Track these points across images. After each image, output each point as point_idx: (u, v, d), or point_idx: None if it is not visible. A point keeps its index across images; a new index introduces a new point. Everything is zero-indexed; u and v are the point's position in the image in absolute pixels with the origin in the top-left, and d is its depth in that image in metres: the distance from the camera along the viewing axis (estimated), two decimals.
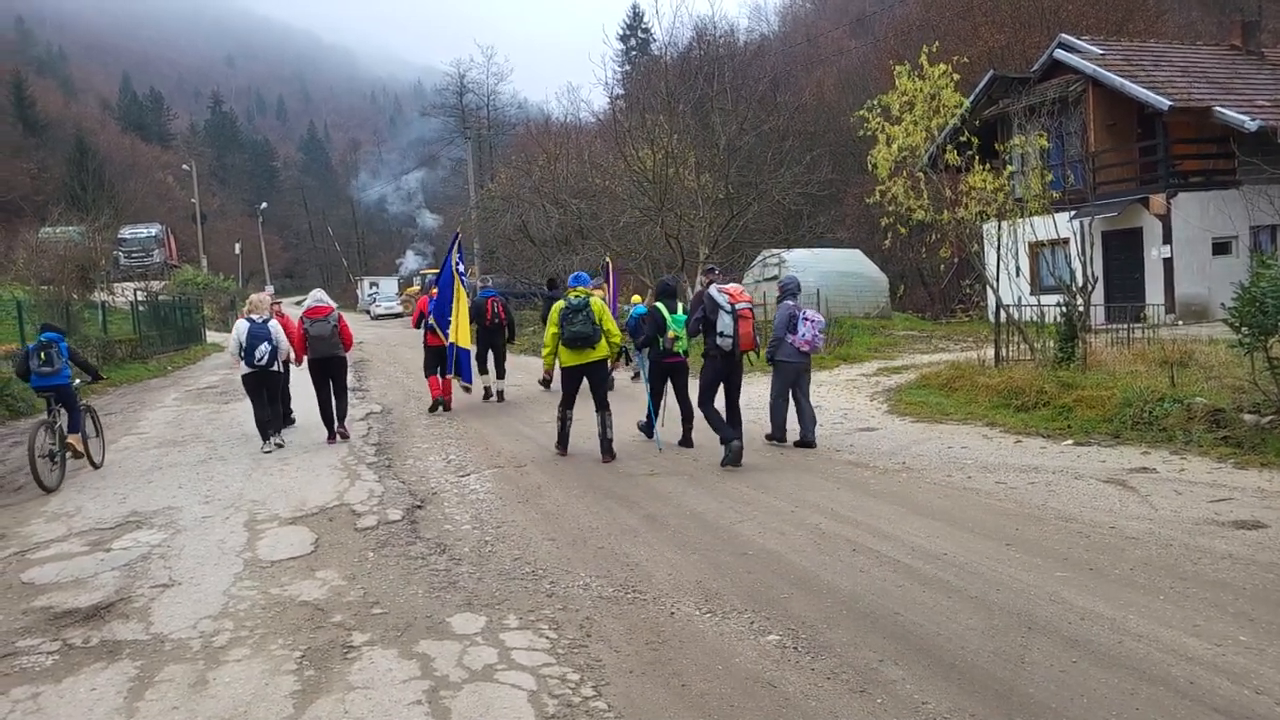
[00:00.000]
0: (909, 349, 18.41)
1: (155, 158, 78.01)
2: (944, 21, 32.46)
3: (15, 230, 32.56)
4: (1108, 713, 3.60)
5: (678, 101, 25.95)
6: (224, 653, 4.62)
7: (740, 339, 8.61)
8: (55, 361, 9.25)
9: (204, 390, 18.07)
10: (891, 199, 12.93)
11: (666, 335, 9.41)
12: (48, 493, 8.72)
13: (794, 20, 60.24)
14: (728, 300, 8.65)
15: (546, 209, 32.70)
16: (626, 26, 58.92)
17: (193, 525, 7.28)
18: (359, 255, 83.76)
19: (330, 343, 10.85)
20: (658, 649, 4.43)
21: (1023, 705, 3.70)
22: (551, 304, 10.66)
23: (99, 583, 5.90)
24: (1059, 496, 6.93)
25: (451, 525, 6.96)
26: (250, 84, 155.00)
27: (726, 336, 8.60)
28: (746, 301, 8.78)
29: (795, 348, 9.26)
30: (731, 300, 8.64)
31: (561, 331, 9.02)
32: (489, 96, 63.55)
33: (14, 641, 4.93)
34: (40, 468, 8.71)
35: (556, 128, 38.89)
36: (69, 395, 9.40)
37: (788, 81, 37.58)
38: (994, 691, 3.83)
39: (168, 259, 49.19)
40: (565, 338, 9.02)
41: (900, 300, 29.66)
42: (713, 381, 8.90)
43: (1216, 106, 19.65)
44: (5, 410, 14.44)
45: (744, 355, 8.90)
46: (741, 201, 26.37)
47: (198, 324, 34.00)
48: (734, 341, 8.62)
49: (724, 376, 8.89)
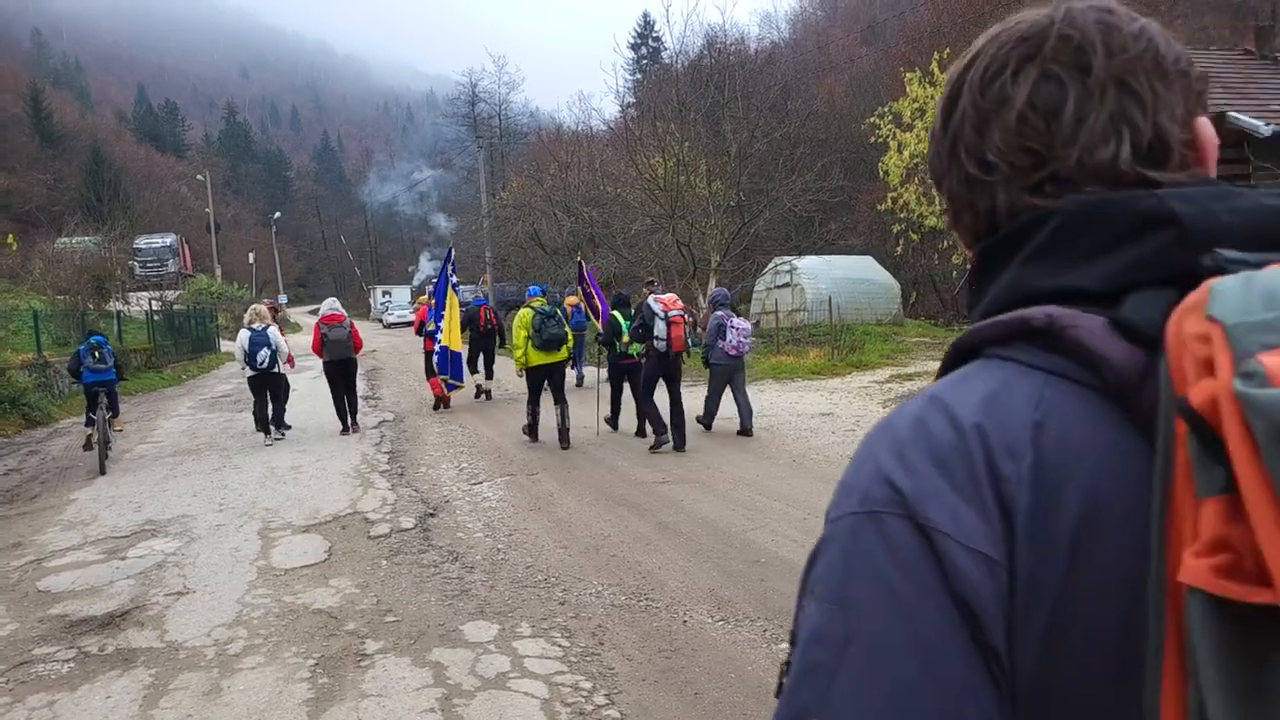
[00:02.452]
0: (922, 356, 18.34)
1: (170, 168, 78.49)
2: (955, 28, 32.32)
3: (32, 241, 32.81)
4: None
5: (689, 109, 26.00)
6: (238, 661, 4.64)
7: (672, 341, 9.83)
8: (106, 360, 10.62)
9: (218, 399, 18.16)
10: (903, 205, 12.92)
11: (622, 340, 10.66)
12: (104, 474, 10.08)
13: (805, 27, 60.27)
14: (662, 308, 9.88)
15: (558, 217, 32.78)
16: (637, 35, 58.95)
17: (207, 533, 7.32)
18: (372, 264, 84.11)
19: (345, 345, 12.20)
20: (670, 657, 4.43)
21: None
22: None
23: (114, 591, 5.93)
24: None
25: (464, 533, 6.97)
26: (264, 94, 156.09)
27: (661, 339, 9.83)
28: (678, 309, 9.99)
29: (725, 352, 10.49)
30: (665, 308, 9.88)
31: (538, 336, 10.28)
32: (501, 105, 63.92)
33: (30, 649, 4.96)
34: (102, 455, 10.27)
35: (568, 136, 38.99)
36: (115, 389, 10.80)
37: (799, 89, 37.57)
38: None
39: (182, 268, 49.41)
40: (540, 341, 10.30)
41: (912, 307, 29.54)
42: (651, 377, 10.12)
43: (1230, 111, 19.48)
44: (21, 419, 14.54)
45: (679, 355, 10.06)
46: (753, 209, 26.36)
47: (212, 333, 34.17)
48: (667, 343, 9.82)
49: (663, 373, 10.04)
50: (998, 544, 0.64)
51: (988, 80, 0.78)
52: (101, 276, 26.05)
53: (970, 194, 0.80)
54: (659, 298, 10.07)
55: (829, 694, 0.64)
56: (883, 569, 0.65)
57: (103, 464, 10.27)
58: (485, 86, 64.72)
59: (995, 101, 0.77)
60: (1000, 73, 0.77)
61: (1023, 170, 0.76)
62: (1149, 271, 0.67)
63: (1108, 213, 0.70)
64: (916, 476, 0.67)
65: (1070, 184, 0.74)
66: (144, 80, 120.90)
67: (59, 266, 25.14)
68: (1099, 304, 0.68)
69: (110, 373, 10.70)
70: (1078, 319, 0.67)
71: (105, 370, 10.62)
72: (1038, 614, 0.63)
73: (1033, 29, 0.77)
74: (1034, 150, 0.75)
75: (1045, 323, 0.68)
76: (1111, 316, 0.66)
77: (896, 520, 0.66)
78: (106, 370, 10.64)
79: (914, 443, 0.69)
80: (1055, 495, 0.64)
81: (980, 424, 0.67)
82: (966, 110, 0.79)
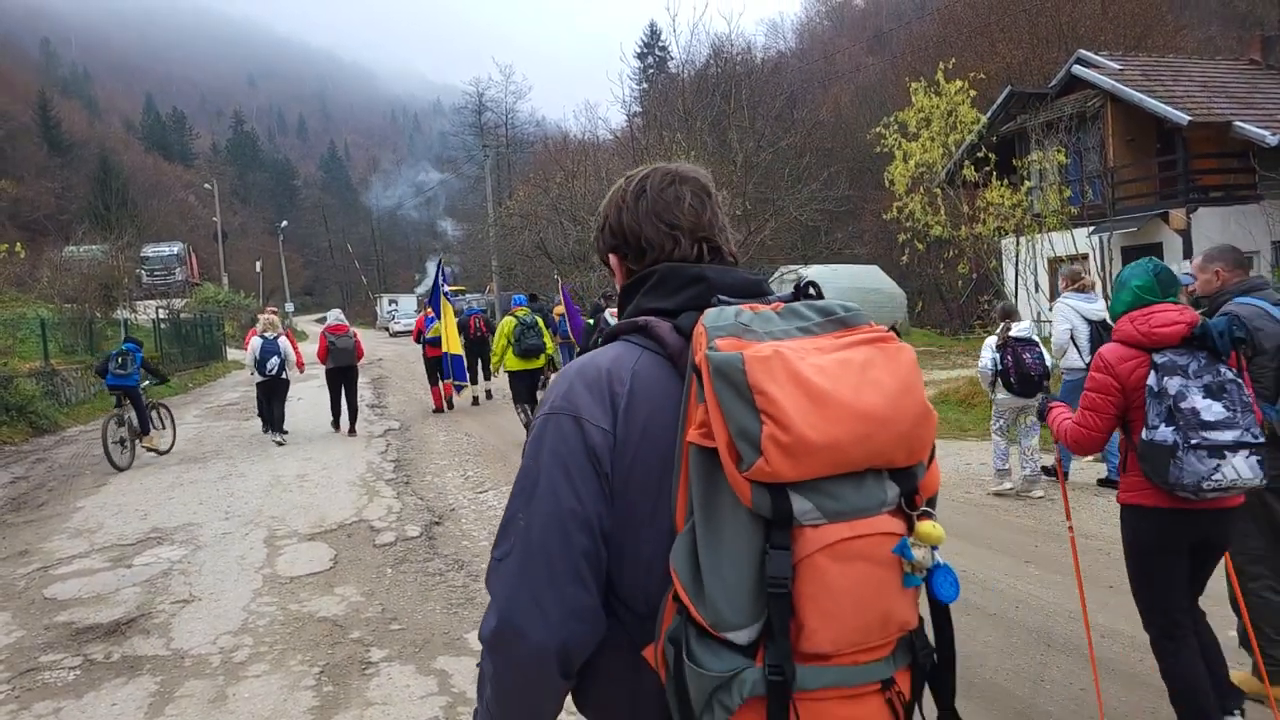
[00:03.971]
0: (927, 365, 18.30)
1: (178, 177, 78.75)
2: (961, 38, 32.43)
3: (40, 249, 32.88)
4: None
5: (695, 119, 26.04)
6: (243, 668, 4.65)
7: None
8: (128, 366, 11.32)
9: (225, 407, 18.21)
10: (909, 215, 12.93)
11: None
12: (119, 471, 10.76)
13: (811, 37, 60.37)
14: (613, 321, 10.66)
15: (564, 226, 32.83)
16: (644, 45, 59.04)
17: (213, 541, 7.33)
18: (378, 273, 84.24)
19: (349, 354, 12.98)
20: None
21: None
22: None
23: (120, 598, 5.95)
24: (1080, 513, 6.87)
25: (469, 541, 6.97)
26: (271, 103, 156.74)
27: None
28: None
29: None
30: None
31: (517, 345, 11.19)
32: (507, 115, 63.99)
33: (37, 656, 4.98)
34: (112, 451, 10.79)
35: (574, 145, 39.06)
36: (136, 395, 11.43)
37: (805, 98, 37.64)
38: (1012, 710, 3.80)
39: (189, 277, 49.58)
40: (520, 350, 11.19)
41: (918, 316, 29.52)
42: None
43: (1237, 121, 19.51)
44: (29, 427, 14.59)
45: None
46: (759, 218, 26.37)
47: (218, 341, 34.26)
48: None
49: None
50: (610, 424, 1.33)
51: (664, 187, 1.51)
52: (109, 285, 26.16)
53: (640, 256, 1.51)
54: (613, 311, 10.91)
55: (529, 501, 1.33)
56: (555, 438, 1.34)
57: (112, 459, 10.80)
58: (492, 95, 64.76)
59: (673, 198, 1.49)
60: (672, 183, 1.51)
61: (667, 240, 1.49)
62: (692, 303, 1.38)
63: (680, 274, 1.43)
64: (575, 394, 1.36)
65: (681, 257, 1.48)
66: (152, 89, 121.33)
67: (67, 275, 25.21)
68: (670, 316, 1.38)
69: (129, 379, 11.33)
70: (659, 324, 1.37)
71: (125, 376, 11.30)
72: (624, 457, 1.32)
73: (693, 170, 1.56)
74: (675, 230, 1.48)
75: (644, 324, 1.39)
76: (673, 323, 1.36)
77: (564, 416, 1.35)
78: (126, 376, 11.31)
79: (579, 377, 1.38)
80: (637, 400, 1.34)
81: (609, 368, 1.37)
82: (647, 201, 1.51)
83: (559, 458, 1.32)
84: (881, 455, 1.21)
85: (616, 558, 1.33)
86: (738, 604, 1.16)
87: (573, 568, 1.29)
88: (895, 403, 1.21)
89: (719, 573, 1.17)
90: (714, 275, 1.41)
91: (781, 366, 1.18)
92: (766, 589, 1.16)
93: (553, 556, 1.29)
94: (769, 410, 1.15)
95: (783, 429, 1.14)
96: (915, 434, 1.24)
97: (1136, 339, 3.20)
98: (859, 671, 1.23)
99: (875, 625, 1.21)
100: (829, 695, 1.20)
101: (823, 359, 1.21)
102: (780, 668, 1.16)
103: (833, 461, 1.17)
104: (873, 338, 1.27)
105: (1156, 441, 3.08)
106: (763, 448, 1.14)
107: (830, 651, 1.19)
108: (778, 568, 1.15)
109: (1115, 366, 3.24)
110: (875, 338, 1.27)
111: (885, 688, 1.27)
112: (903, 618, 1.25)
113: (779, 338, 1.25)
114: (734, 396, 1.17)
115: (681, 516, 1.24)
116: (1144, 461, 3.14)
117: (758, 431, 1.15)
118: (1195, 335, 3.10)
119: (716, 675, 1.17)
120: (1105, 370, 3.27)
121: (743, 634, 1.17)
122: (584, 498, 1.30)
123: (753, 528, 1.17)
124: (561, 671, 1.31)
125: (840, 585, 1.17)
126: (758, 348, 1.20)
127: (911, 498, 1.25)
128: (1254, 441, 3.02)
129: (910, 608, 1.27)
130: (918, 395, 1.26)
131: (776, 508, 1.15)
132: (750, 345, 1.21)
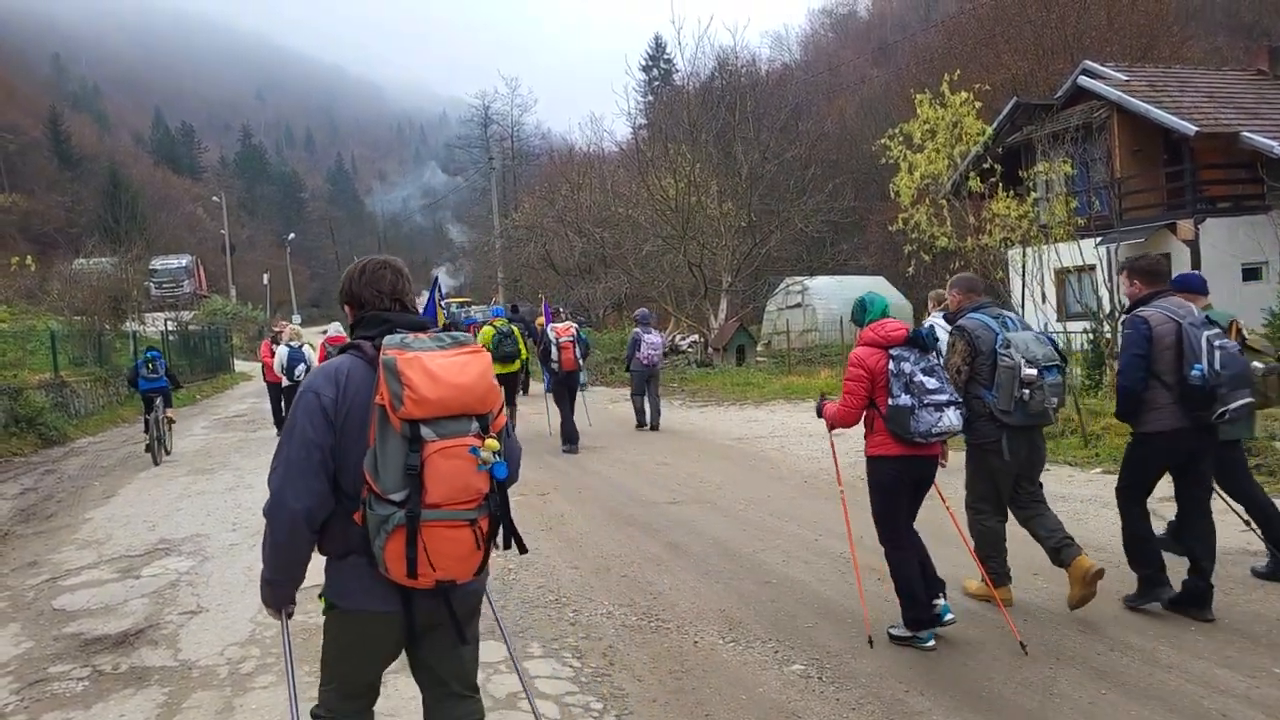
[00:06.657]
0: None
1: (186, 190, 79.11)
2: (966, 49, 32.45)
3: (50, 262, 33.08)
4: None
5: (700, 130, 26.10)
6: (251, 679, 4.65)
7: (563, 362, 11.90)
8: (158, 370, 12.91)
9: (232, 418, 18.25)
10: (915, 226, 12.92)
11: None
12: (157, 465, 12.23)
13: (816, 49, 60.56)
14: (555, 336, 12.03)
15: (570, 238, 32.90)
16: (649, 57, 59.14)
17: (220, 553, 7.35)
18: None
19: None
20: (681, 678, 4.42)
21: None
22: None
23: (128, 609, 5.96)
24: (1087, 525, 6.86)
25: None
26: (279, 117, 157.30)
27: (554, 361, 11.94)
28: (568, 335, 12.02)
29: (641, 361, 13.34)
30: (558, 335, 12.01)
31: (495, 351, 12.18)
32: (513, 127, 64.17)
33: (45, 667, 4.99)
34: (155, 448, 12.41)
35: (580, 157, 39.17)
36: (168, 393, 13.02)
37: (810, 110, 37.66)
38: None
39: (197, 289, 49.76)
40: (497, 356, 11.93)
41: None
42: (555, 389, 12.21)
43: (1244, 131, 19.50)
44: (38, 439, 14.64)
45: (570, 373, 11.96)
46: (764, 229, 26.42)
47: (226, 353, 34.37)
48: (558, 364, 11.89)
49: (564, 386, 11.95)
50: (335, 395, 2.54)
51: (376, 269, 2.77)
52: (118, 297, 26.26)
53: (361, 307, 2.77)
54: (554, 327, 12.35)
55: (290, 436, 2.54)
56: (303, 404, 2.54)
57: (156, 458, 12.38)
58: (498, 109, 65.01)
59: (379, 276, 2.76)
60: (381, 267, 2.78)
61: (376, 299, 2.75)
62: (381, 333, 2.58)
63: (377, 318, 2.68)
64: (317, 381, 2.57)
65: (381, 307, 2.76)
66: (161, 103, 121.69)
67: (76, 287, 25.34)
68: (371, 340, 2.59)
69: (162, 380, 12.90)
70: (365, 344, 2.60)
71: (158, 379, 12.84)
72: (343, 411, 2.53)
73: (395, 260, 2.85)
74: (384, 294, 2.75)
75: (357, 344, 2.63)
76: (372, 343, 2.58)
77: (309, 392, 2.55)
78: (159, 379, 12.85)
79: (321, 373, 2.60)
80: (351, 382, 2.55)
81: (338, 366, 2.58)
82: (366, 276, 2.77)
83: (306, 414, 2.52)
84: (468, 408, 2.48)
85: (342, 465, 2.52)
86: (395, 480, 2.40)
87: (312, 469, 2.50)
88: (476, 382, 2.49)
89: (387, 466, 2.41)
90: (395, 318, 2.67)
91: (417, 362, 2.42)
92: (407, 472, 2.39)
93: (301, 463, 2.50)
94: (408, 384, 2.39)
95: (414, 392, 2.38)
96: (486, 398, 2.53)
97: (878, 340, 4.60)
98: (456, 514, 2.45)
99: (461, 490, 2.44)
100: (439, 525, 2.43)
101: (443, 360, 2.46)
102: (415, 512, 2.39)
103: (443, 409, 2.42)
104: (472, 350, 2.54)
105: (900, 405, 4.45)
106: (404, 401, 2.38)
107: (440, 502, 2.42)
108: (413, 462, 2.39)
109: (865, 361, 4.60)
110: (473, 350, 2.55)
111: (472, 525, 2.49)
112: (478, 487, 2.48)
113: (421, 350, 2.46)
114: (392, 377, 2.40)
115: (372, 440, 2.43)
116: (890, 422, 4.49)
117: (402, 394, 2.38)
118: (911, 337, 4.58)
119: (383, 515, 2.41)
120: (859, 365, 4.62)
121: (397, 496, 2.40)
122: (318, 432, 2.51)
123: (403, 443, 2.41)
124: (309, 527, 2.56)
125: (444, 469, 2.41)
126: (407, 354, 2.43)
127: (486, 428, 2.52)
128: (957, 400, 4.58)
129: (483, 482, 2.49)
130: (489, 379, 2.55)
131: (413, 433, 2.40)
132: (404, 353, 2.44)
